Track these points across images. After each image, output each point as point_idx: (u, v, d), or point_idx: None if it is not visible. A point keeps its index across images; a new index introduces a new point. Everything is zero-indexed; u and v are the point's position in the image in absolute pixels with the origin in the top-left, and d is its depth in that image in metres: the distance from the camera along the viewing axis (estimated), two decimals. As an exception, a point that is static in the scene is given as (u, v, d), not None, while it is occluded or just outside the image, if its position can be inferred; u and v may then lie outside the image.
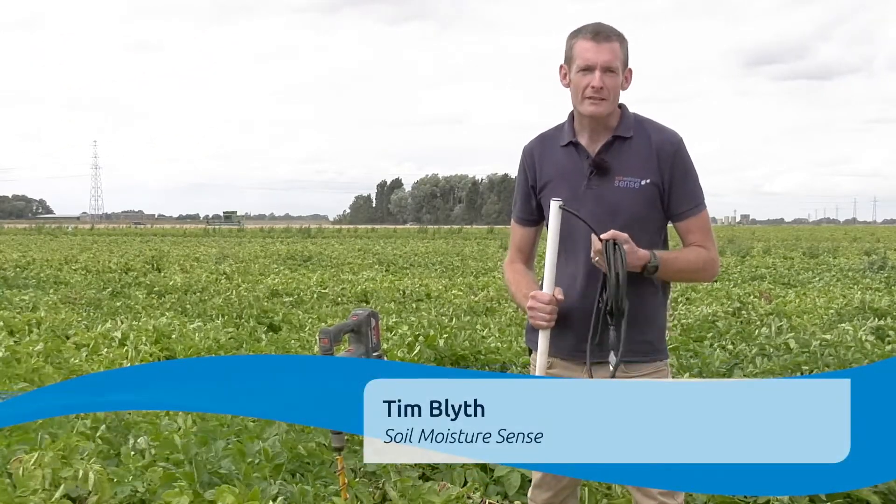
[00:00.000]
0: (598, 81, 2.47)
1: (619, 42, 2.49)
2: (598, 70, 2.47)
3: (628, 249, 2.41)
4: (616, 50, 2.48)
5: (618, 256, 2.38)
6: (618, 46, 2.49)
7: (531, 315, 2.51)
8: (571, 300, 2.53)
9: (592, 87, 2.47)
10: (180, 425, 4.27)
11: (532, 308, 2.50)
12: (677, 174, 2.54)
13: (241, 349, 7.71)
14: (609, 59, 2.46)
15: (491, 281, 15.03)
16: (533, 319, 2.51)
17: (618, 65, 2.48)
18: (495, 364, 6.69)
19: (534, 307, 2.49)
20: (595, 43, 2.47)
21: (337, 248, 31.32)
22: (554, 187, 2.61)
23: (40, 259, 21.33)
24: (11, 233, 54.71)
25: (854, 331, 7.63)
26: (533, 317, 2.50)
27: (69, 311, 10.22)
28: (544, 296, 2.48)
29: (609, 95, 2.49)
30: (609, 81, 2.48)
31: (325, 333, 2.42)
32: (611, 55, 2.47)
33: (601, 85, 2.47)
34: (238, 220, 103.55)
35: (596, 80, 2.47)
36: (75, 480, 3.31)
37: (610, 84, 2.48)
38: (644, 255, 2.46)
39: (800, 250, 27.36)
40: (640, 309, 2.50)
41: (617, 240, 2.40)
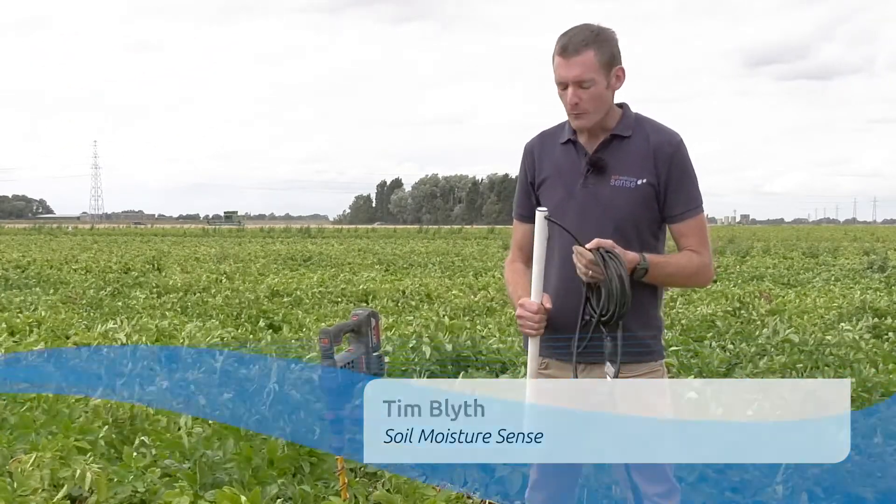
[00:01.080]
0: (571, 97, 2.47)
1: (593, 50, 2.44)
2: (570, 86, 2.46)
3: (616, 248, 2.40)
4: (588, 61, 2.44)
5: (615, 263, 2.37)
6: (591, 56, 2.44)
7: (520, 324, 2.51)
8: (565, 303, 2.51)
9: (569, 104, 2.49)
10: (181, 426, 4.27)
11: (521, 317, 2.50)
12: (674, 175, 2.52)
13: (241, 349, 7.70)
14: (578, 74, 2.44)
15: (491, 281, 15.03)
16: (521, 328, 2.52)
17: (591, 76, 2.44)
18: (496, 364, 6.69)
19: (522, 315, 2.49)
20: (564, 59, 2.46)
21: (337, 248, 31.32)
22: (551, 184, 2.61)
23: (40, 259, 21.32)
24: (11, 233, 54.67)
25: (854, 331, 7.63)
26: (522, 325, 2.51)
27: (69, 311, 10.22)
28: (532, 304, 2.48)
29: (588, 108, 2.48)
30: (585, 94, 2.46)
31: (325, 333, 2.42)
32: (580, 69, 2.43)
33: (576, 100, 2.47)
34: (239, 220, 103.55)
35: (570, 95, 2.47)
36: (73, 480, 3.31)
37: (586, 97, 2.46)
38: (633, 257, 2.45)
39: (799, 250, 27.34)
40: (635, 309, 2.46)
41: (602, 247, 2.39)
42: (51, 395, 5.20)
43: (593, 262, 2.38)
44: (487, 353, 6.81)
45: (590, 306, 2.46)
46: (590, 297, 2.46)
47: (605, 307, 2.40)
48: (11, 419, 4.35)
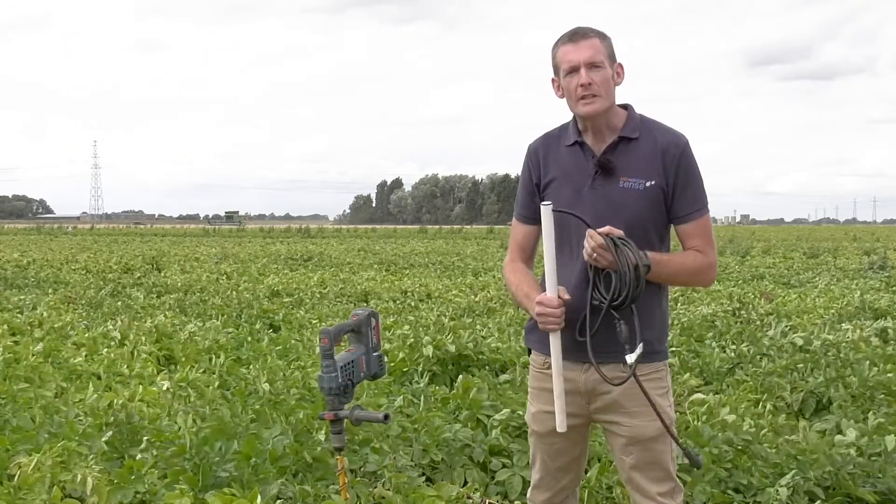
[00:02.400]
0: (584, 78, 2.47)
1: (598, 38, 2.50)
2: (582, 68, 2.47)
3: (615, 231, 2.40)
4: (596, 45, 2.49)
5: (627, 249, 2.37)
6: (598, 42, 2.49)
7: (541, 321, 2.49)
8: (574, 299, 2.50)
9: (581, 86, 2.47)
10: (181, 426, 4.26)
11: (542, 314, 2.47)
12: (682, 177, 2.53)
13: (241, 349, 7.70)
14: (591, 55, 2.47)
15: (491, 281, 15.02)
16: (543, 325, 2.49)
17: (601, 59, 2.48)
18: (496, 364, 6.68)
19: (543, 312, 2.47)
20: (573, 44, 2.49)
21: (337, 248, 31.32)
22: (558, 186, 2.60)
23: (40, 259, 21.33)
24: (11, 233, 54.68)
25: (860, 333, 7.62)
26: (544, 322, 2.48)
27: (69, 311, 10.21)
28: (552, 299, 2.46)
29: (600, 90, 2.48)
30: (596, 76, 2.47)
31: (325, 333, 2.41)
32: (591, 50, 2.47)
33: (588, 80, 2.47)
34: (240, 220, 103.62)
35: (583, 76, 2.47)
36: (74, 484, 3.31)
37: (598, 78, 2.47)
38: (639, 253, 2.43)
39: (800, 250, 27.34)
40: (639, 309, 2.45)
41: (612, 234, 2.39)
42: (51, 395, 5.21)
43: (603, 247, 2.38)
44: (488, 352, 6.80)
45: (598, 291, 2.45)
46: (597, 282, 2.45)
47: (616, 291, 2.39)
48: (13, 421, 4.35)
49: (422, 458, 4.13)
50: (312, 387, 5.44)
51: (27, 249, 28.30)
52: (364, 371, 2.53)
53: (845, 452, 4.18)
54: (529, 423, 2.75)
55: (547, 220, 2.44)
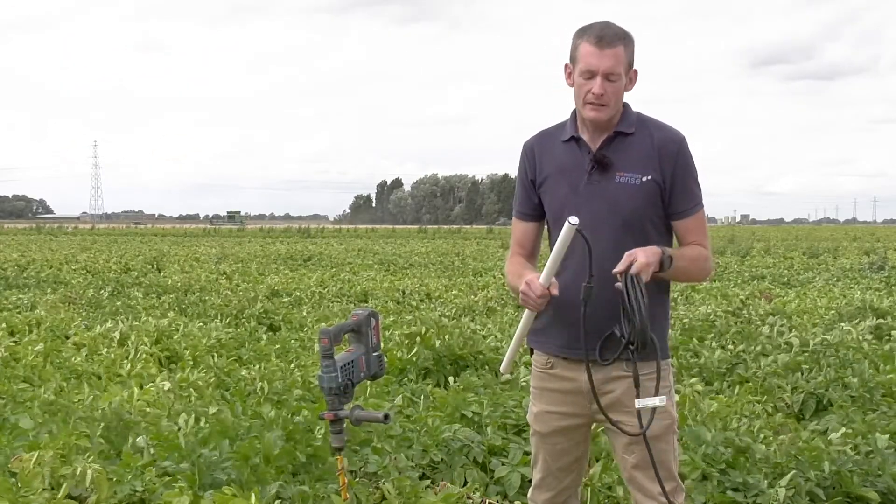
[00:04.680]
0: (598, 88, 2.45)
1: (623, 45, 2.47)
2: (599, 77, 2.45)
3: (643, 259, 2.35)
4: (620, 55, 2.46)
5: (637, 289, 2.35)
6: (622, 51, 2.46)
7: (522, 298, 2.50)
8: (568, 296, 2.48)
9: (593, 94, 2.46)
10: (180, 426, 4.26)
11: (524, 293, 2.47)
12: (679, 173, 2.53)
13: (241, 349, 7.70)
14: (611, 66, 2.45)
15: (491, 281, 15.02)
16: (523, 303, 2.51)
17: (620, 70, 2.46)
18: (496, 364, 6.68)
19: (526, 293, 2.47)
20: (598, 49, 2.45)
21: (337, 248, 31.31)
22: (553, 182, 2.60)
23: (40, 259, 21.32)
24: (11, 233, 54.66)
25: (855, 331, 7.62)
26: (524, 301, 2.50)
27: (69, 311, 10.21)
28: (538, 287, 2.45)
29: (610, 101, 2.48)
30: (610, 88, 2.46)
31: (325, 333, 2.41)
32: (613, 61, 2.45)
33: (602, 92, 2.46)
34: (241, 220, 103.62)
35: (597, 86, 2.45)
36: (74, 479, 3.31)
37: (611, 90, 2.46)
38: (657, 249, 2.43)
39: (800, 250, 27.33)
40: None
41: (633, 266, 2.35)
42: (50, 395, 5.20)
43: (620, 292, 2.36)
44: (487, 352, 6.80)
45: (621, 325, 2.43)
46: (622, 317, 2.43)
47: (630, 335, 2.39)
48: (12, 419, 4.35)
49: (422, 458, 4.12)
50: (313, 386, 5.44)
51: (27, 249, 28.30)
52: (364, 371, 2.53)
53: (841, 450, 4.18)
54: (531, 423, 2.74)
55: (567, 234, 2.40)
